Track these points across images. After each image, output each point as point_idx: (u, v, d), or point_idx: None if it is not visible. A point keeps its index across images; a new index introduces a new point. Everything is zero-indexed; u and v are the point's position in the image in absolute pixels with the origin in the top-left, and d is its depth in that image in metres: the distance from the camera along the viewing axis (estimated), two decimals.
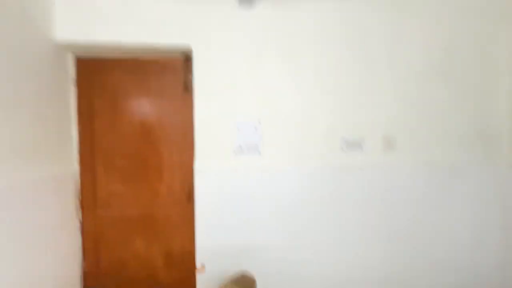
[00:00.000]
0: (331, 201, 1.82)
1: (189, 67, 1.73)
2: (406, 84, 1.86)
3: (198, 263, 1.70)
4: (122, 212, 1.78)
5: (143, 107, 1.78)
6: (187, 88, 1.77)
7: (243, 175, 1.73)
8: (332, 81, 1.79)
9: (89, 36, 1.57)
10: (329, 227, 1.82)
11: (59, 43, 1.56)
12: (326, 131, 1.80)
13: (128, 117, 1.77)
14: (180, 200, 1.80)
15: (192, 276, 1.69)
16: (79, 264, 1.76)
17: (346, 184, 1.83)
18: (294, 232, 1.79)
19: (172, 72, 1.76)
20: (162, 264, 1.83)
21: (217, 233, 1.71)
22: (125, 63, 1.73)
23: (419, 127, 1.88)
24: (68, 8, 1.55)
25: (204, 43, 1.67)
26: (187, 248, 1.78)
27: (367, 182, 1.84)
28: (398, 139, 1.87)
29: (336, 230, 1.82)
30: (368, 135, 1.84)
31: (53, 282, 1.51)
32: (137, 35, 1.60)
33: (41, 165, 1.45)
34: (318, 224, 1.81)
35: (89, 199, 1.75)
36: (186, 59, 1.76)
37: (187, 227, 1.76)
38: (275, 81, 1.74)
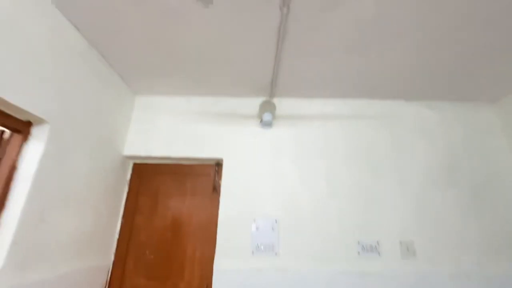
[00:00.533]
0: None
1: (219, 172, 2.11)
2: (414, 189, 2.00)
3: None
4: None
5: (177, 205, 2.09)
6: (215, 189, 2.09)
7: (260, 275, 1.77)
8: (341, 186, 2.00)
9: (147, 151, 2.09)
10: None
11: (125, 155, 2.08)
12: (341, 234, 1.88)
13: (163, 214, 2.06)
14: None
15: None
16: None
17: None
18: None
19: (205, 175, 2.14)
20: None
21: None
22: (168, 168, 2.18)
23: (437, 233, 1.88)
24: (137, 133, 2.15)
25: (232, 155, 2.09)
26: None
27: None
28: (416, 245, 1.85)
29: None
30: (384, 239, 1.87)
31: None
32: (182, 150, 2.09)
33: (87, 256, 1.69)
34: None
35: None
36: (217, 165, 2.16)
37: None
38: (290, 186, 2.01)
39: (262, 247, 1.84)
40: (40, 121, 1.36)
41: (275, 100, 2.25)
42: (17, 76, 1.22)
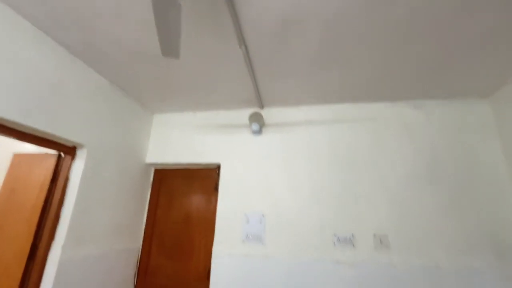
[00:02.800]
0: None
1: (219, 174, 2.54)
2: (393, 187, 2.14)
3: None
4: (164, 282, 2.38)
5: (187, 201, 2.59)
6: (216, 188, 2.53)
7: (248, 260, 2.16)
8: (323, 185, 2.25)
9: (164, 159, 2.63)
10: None
11: (147, 163, 2.66)
12: (319, 228, 2.15)
13: (178, 209, 2.58)
14: (202, 277, 2.29)
15: None
16: None
17: (338, 278, 1.99)
18: None
19: (209, 177, 2.59)
20: None
21: None
22: (181, 172, 2.69)
23: (412, 228, 2.02)
24: (155, 144, 2.70)
25: (227, 160, 2.49)
26: None
27: (359, 279, 1.97)
28: (391, 238, 2.02)
29: None
30: (359, 232, 2.08)
31: None
32: (189, 157, 2.57)
33: (122, 240, 2.30)
34: None
35: (144, 268, 2.45)
36: (218, 168, 2.59)
37: None
38: (277, 186, 2.33)
39: (251, 237, 2.22)
40: (81, 146, 1.95)
41: (265, 110, 2.58)
42: (63, 115, 1.81)
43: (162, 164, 2.69)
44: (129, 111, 2.46)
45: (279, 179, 2.35)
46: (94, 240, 2.00)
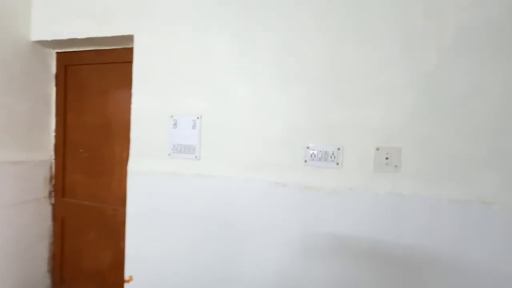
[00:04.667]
0: (282, 230, 1.29)
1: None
2: (425, 62, 1.12)
3: (126, 274, 1.54)
4: (82, 202, 1.83)
5: (103, 100, 1.76)
6: None
7: (176, 180, 1.45)
8: (302, 65, 1.26)
9: (54, 35, 1.66)
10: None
11: (33, 41, 1.71)
12: (286, 135, 1.29)
13: (93, 111, 1.79)
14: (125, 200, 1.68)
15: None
16: (48, 247, 1.90)
17: (311, 215, 1.25)
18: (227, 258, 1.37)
19: (128, 63, 1.65)
20: (110, 263, 1.76)
21: (146, 243, 1.50)
22: (90, 56, 1.76)
23: (450, 140, 1.09)
24: (40, 8, 1.69)
25: (144, 29, 1.49)
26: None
27: (341, 216, 1.21)
28: (405, 154, 1.14)
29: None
30: (350, 144, 1.21)
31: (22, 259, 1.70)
32: (90, 29, 1.58)
33: (14, 151, 1.65)
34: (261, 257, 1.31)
35: (60, 185, 1.87)
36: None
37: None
38: (223, 70, 1.37)
39: (180, 148, 1.44)
40: None
41: None
42: None
43: (55, 43, 1.73)
44: None
45: (229, 58, 1.37)
46: None
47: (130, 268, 1.53)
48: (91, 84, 1.79)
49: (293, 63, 1.27)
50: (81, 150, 1.82)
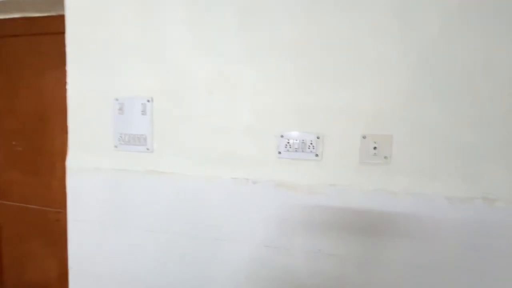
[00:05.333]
0: (251, 239, 1.07)
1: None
2: (420, 33, 0.90)
3: None
4: (20, 205, 1.53)
5: (37, 82, 1.45)
6: None
7: (124, 179, 1.19)
8: (273, 32, 1.02)
9: None
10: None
11: None
12: (255, 123, 1.05)
13: (26, 96, 1.47)
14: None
15: None
16: None
17: (284, 217, 1.04)
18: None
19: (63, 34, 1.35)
20: (56, 275, 1.50)
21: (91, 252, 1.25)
22: (16, 25, 1.43)
23: (444, 124, 0.90)
24: None
25: None
26: None
27: (320, 218, 1.01)
28: (397, 144, 0.94)
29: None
30: (331, 133, 0.99)
31: None
32: None
33: None
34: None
35: None
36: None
37: None
38: (175, 36, 1.10)
39: (128, 138, 1.18)
40: None
41: None
42: None
43: None
44: None
45: (181, 25, 1.09)
46: None
47: (74, 285, 1.28)
48: (23, 61, 1.46)
49: (262, 31, 1.02)
50: (14, 143, 1.51)
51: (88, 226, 1.24)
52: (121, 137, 1.18)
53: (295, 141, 1.02)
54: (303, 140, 1.01)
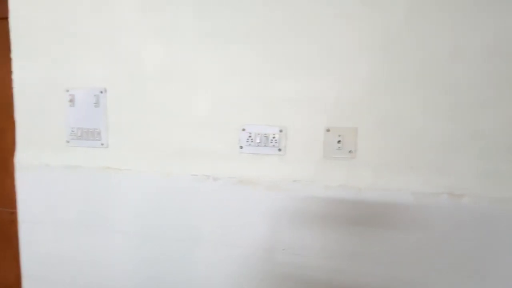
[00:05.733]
0: (212, 234, 1.01)
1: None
2: (387, 14, 0.85)
3: None
4: None
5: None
6: None
7: (77, 177, 1.10)
8: (234, 18, 0.94)
9: None
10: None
11: None
12: (216, 113, 0.98)
13: None
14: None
15: None
16: None
17: (244, 212, 0.98)
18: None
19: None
20: (13, 281, 1.40)
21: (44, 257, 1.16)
22: None
23: (416, 118, 0.85)
24: None
25: None
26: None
27: (283, 215, 0.95)
28: (363, 135, 0.89)
29: None
30: (294, 126, 0.93)
31: None
32: None
33: None
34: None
35: None
36: None
37: None
38: (128, 19, 1.01)
39: (80, 133, 1.09)
40: None
41: None
42: None
43: None
44: None
45: (134, 7, 1.01)
46: None
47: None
48: None
49: (220, 18, 0.94)
50: None
51: (40, 228, 1.15)
52: (73, 131, 1.09)
53: (257, 134, 0.95)
54: (265, 133, 0.95)
